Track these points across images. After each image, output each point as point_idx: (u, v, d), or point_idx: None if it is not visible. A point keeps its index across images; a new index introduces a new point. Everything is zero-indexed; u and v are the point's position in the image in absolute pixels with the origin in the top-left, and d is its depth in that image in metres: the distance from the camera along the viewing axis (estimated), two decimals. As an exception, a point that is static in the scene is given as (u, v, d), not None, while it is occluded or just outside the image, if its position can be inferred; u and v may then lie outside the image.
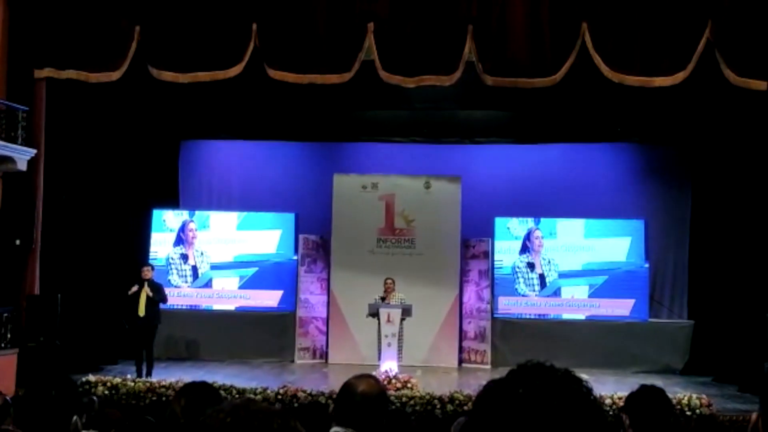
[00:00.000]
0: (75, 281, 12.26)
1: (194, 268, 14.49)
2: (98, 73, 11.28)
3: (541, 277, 14.24)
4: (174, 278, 14.30)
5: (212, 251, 14.53)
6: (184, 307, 14.08)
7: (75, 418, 3.34)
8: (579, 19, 10.62)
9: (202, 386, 2.93)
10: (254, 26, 10.96)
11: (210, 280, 14.51)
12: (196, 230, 14.56)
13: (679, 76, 10.53)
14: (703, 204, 13.91)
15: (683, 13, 10.51)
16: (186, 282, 14.43)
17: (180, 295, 14.05)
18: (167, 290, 12.36)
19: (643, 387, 3.52)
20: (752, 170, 12.20)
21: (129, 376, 10.65)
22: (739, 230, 12.61)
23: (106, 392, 9.92)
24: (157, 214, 14.46)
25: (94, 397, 7.33)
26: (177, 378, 10.31)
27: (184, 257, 14.49)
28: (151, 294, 11.51)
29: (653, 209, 14.47)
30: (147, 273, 11.72)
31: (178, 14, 11.10)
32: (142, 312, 11.46)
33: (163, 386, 10.02)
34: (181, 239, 14.51)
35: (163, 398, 9.66)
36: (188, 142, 15.20)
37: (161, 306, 11.87)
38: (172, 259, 14.43)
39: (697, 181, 14.15)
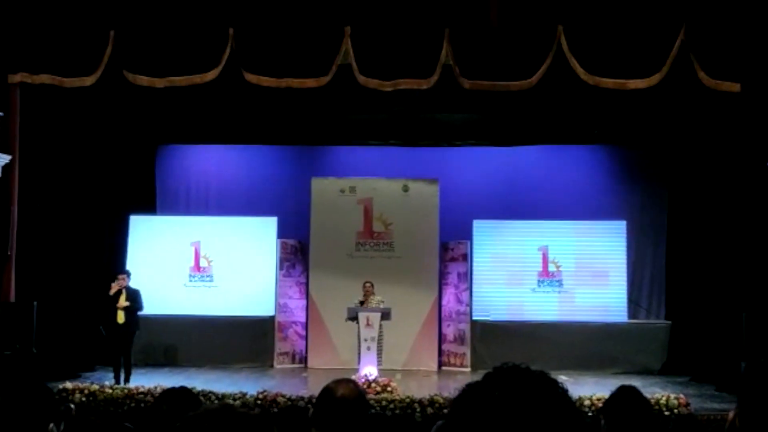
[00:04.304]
0: (51, 288, 12.13)
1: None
2: (73, 78, 11.21)
3: (521, 279, 14.22)
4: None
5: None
6: (161, 313, 13.95)
7: (51, 425, 3.31)
8: (555, 22, 10.70)
9: (181, 392, 2.92)
10: (231, 30, 10.94)
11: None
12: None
13: (654, 79, 10.63)
14: (680, 205, 14.00)
15: (658, 16, 10.61)
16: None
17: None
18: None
19: (619, 388, 3.53)
20: (727, 172, 12.31)
21: (107, 383, 10.56)
22: (716, 231, 12.70)
23: (84, 399, 9.82)
24: (134, 219, 14.33)
25: (71, 405, 7.28)
26: (155, 384, 10.25)
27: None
28: (128, 304, 11.38)
29: (630, 211, 14.55)
30: (123, 281, 11.56)
31: (154, 19, 11.04)
32: (121, 319, 11.32)
33: (142, 393, 9.93)
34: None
35: (142, 405, 9.59)
36: (165, 147, 15.11)
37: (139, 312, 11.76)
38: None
39: (673, 182, 14.25)
